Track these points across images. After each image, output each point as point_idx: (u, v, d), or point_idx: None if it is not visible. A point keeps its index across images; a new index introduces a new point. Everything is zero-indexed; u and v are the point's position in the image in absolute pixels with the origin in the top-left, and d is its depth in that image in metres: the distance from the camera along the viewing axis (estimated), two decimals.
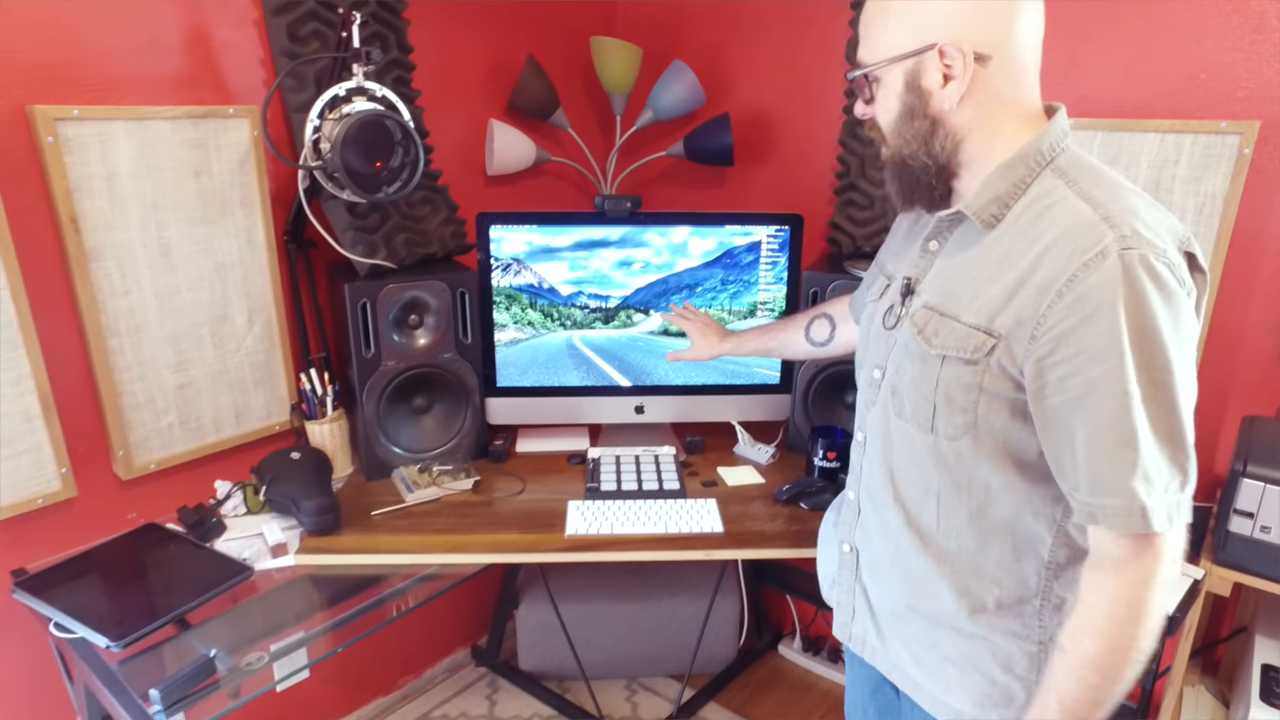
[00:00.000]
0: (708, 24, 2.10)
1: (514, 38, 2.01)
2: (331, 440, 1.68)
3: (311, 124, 1.44)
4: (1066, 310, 0.82)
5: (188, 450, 1.58)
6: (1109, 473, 0.83)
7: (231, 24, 1.52)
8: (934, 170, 0.94)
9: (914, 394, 0.96)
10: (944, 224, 0.99)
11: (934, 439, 0.95)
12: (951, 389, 0.92)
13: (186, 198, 1.49)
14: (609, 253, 1.69)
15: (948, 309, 0.93)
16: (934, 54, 0.88)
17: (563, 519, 1.52)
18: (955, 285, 0.94)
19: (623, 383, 1.78)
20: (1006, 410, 0.89)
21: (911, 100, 0.91)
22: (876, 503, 1.06)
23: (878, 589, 1.09)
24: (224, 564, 1.38)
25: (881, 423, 1.04)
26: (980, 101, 0.89)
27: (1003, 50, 0.88)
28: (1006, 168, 0.90)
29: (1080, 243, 0.83)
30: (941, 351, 0.92)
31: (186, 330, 1.54)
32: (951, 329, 0.92)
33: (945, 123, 0.91)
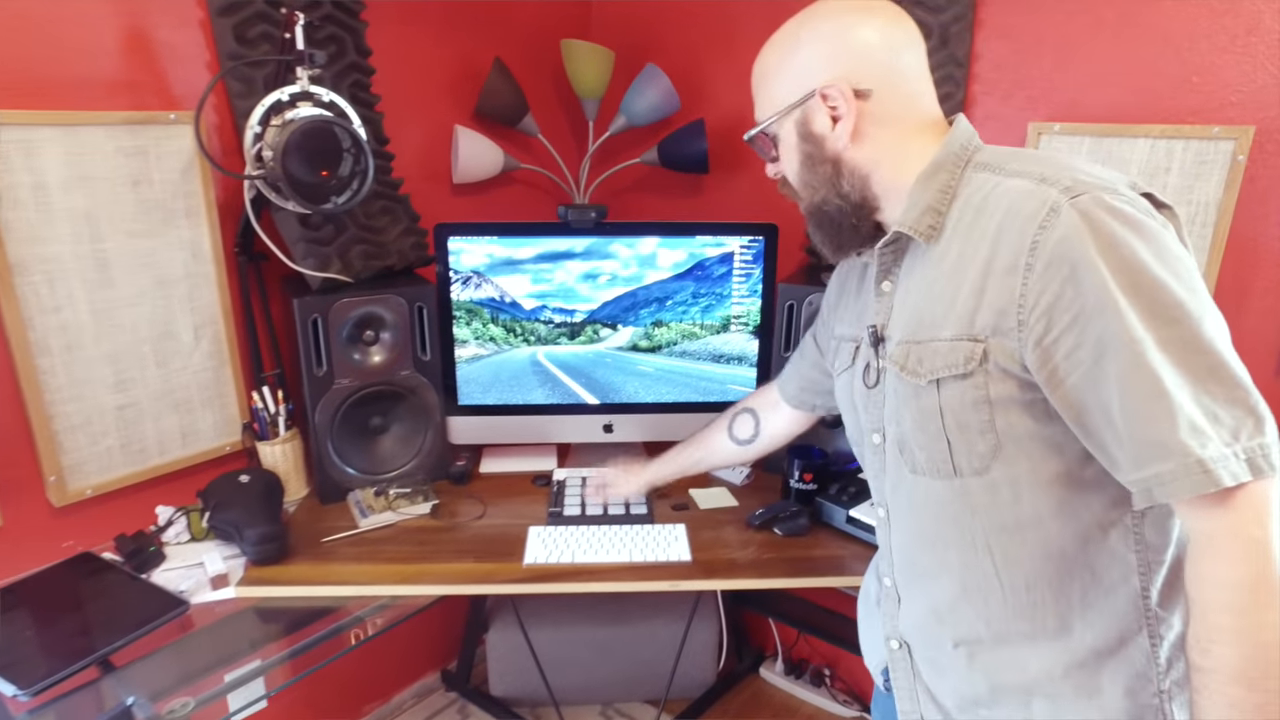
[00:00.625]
0: (684, 27, 2.03)
1: (481, 41, 1.93)
2: (284, 462, 1.60)
3: (252, 131, 1.36)
4: (1042, 280, 0.76)
5: (129, 474, 1.50)
6: (1149, 435, 0.72)
7: (173, 25, 1.44)
8: (850, 210, 0.92)
9: (921, 438, 0.88)
10: (888, 258, 0.93)
11: (961, 483, 0.86)
12: (959, 413, 0.84)
13: (125, 209, 1.41)
14: (574, 265, 1.61)
15: (922, 335, 0.87)
16: (816, 99, 0.89)
17: (522, 546, 1.44)
18: (921, 309, 0.88)
19: (590, 400, 1.70)
20: (1027, 416, 0.81)
21: (808, 148, 0.91)
22: (921, 583, 0.95)
23: (945, 683, 0.95)
24: (157, 597, 1.29)
25: (898, 488, 0.95)
26: (875, 133, 0.89)
27: (884, 79, 0.88)
28: (926, 177, 0.88)
29: (1025, 210, 0.78)
30: (931, 375, 0.85)
31: (127, 348, 1.46)
32: (934, 350, 0.85)
33: (846, 161, 0.91)
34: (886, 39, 0.89)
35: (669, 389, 1.71)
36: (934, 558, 0.92)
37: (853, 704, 2.16)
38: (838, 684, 2.22)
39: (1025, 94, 1.60)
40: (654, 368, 1.67)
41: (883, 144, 0.89)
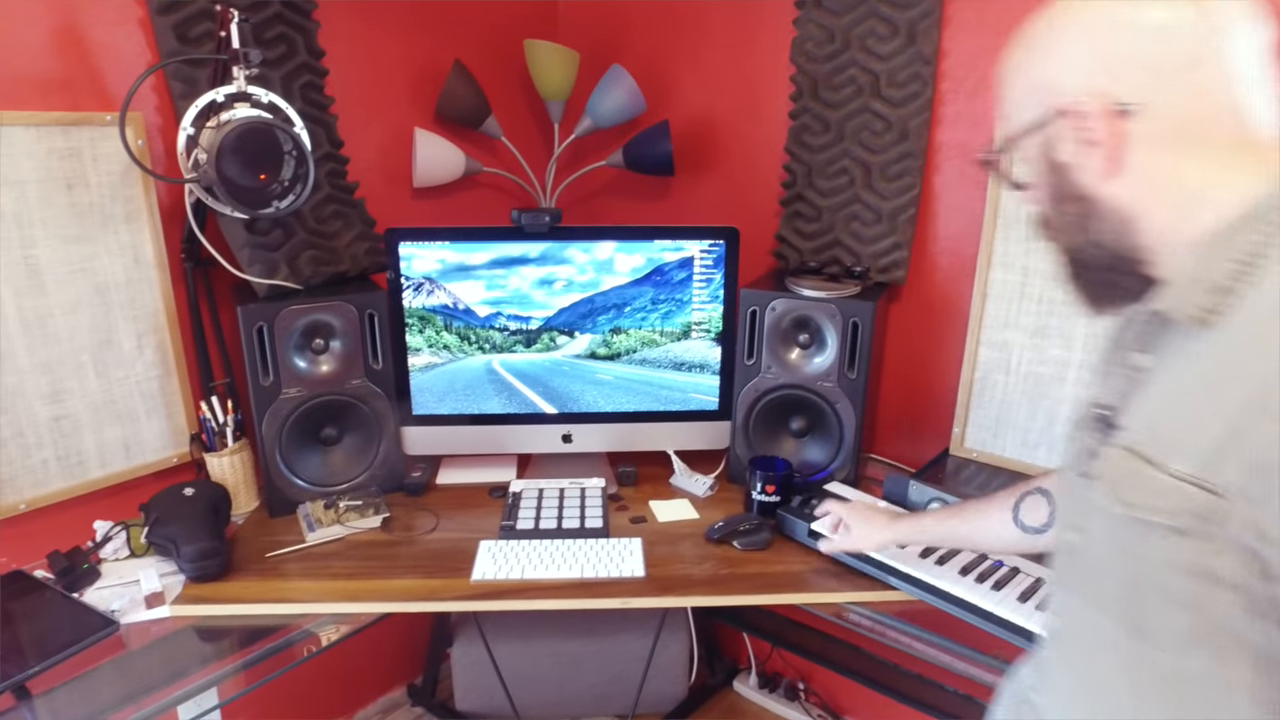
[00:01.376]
0: (651, 28, 1.99)
1: (441, 41, 1.88)
2: (233, 474, 1.55)
3: (185, 133, 1.31)
4: None
5: (67, 488, 1.45)
6: None
7: (110, 23, 1.40)
8: (1107, 263, 0.71)
9: (1103, 571, 0.70)
10: (1151, 327, 0.72)
11: (1146, 650, 0.67)
12: (1160, 572, 0.64)
13: (58, 213, 1.36)
14: (528, 270, 1.56)
15: (1154, 452, 0.64)
16: (1059, 119, 0.68)
17: (470, 561, 1.39)
18: (1165, 412, 0.66)
19: (548, 410, 1.65)
20: (1262, 616, 0.60)
21: (1054, 180, 0.72)
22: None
23: None
24: (86, 617, 1.24)
25: (1075, 613, 0.77)
26: (1147, 164, 0.66)
27: (1170, 86, 0.64)
28: (1223, 238, 0.63)
29: None
30: (1135, 513, 0.64)
31: (62, 357, 1.41)
32: (1153, 482, 0.63)
33: (1100, 200, 0.69)
34: (1184, 26, 0.64)
35: (629, 397, 1.66)
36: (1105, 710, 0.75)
37: (826, 718, 2.12)
38: (812, 698, 2.17)
39: (994, 92, 1.55)
40: (613, 376, 1.62)
41: (1158, 178, 0.66)
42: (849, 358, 1.54)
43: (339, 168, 1.67)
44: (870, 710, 2.09)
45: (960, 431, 1.68)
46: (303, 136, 1.35)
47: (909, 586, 1.29)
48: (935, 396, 1.74)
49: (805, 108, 1.73)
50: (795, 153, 1.77)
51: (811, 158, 1.75)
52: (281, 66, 1.57)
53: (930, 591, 1.27)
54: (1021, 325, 1.57)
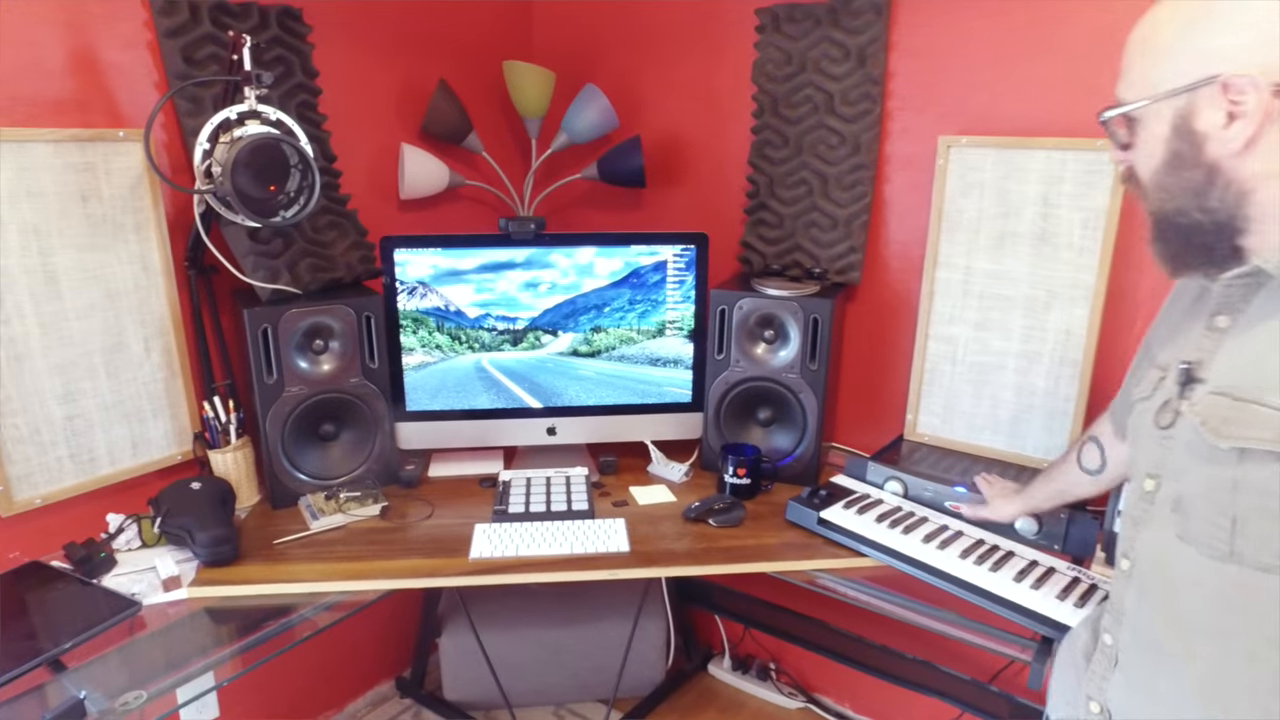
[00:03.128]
0: (621, 48, 2.13)
1: (426, 62, 2.01)
2: (236, 469, 1.64)
3: (201, 147, 1.42)
4: None
5: (79, 484, 1.53)
6: None
7: (121, 46, 1.50)
8: (1210, 229, 0.77)
9: (1202, 507, 0.76)
10: (1236, 291, 0.79)
11: (1237, 571, 0.73)
12: (1259, 496, 0.71)
13: (73, 223, 1.45)
14: (515, 274, 1.69)
15: (1246, 392, 0.73)
16: (1215, 88, 0.72)
17: (467, 542, 1.50)
18: (1257, 361, 0.74)
19: (533, 404, 1.77)
20: None
21: (1180, 146, 0.75)
22: (1149, 659, 0.84)
23: None
24: (109, 600, 1.32)
25: (1158, 549, 0.82)
26: (1276, 144, 0.72)
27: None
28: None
29: None
30: (1239, 443, 0.72)
31: (76, 359, 1.49)
32: (1253, 414, 0.72)
33: (1226, 172, 0.74)
34: None
35: (609, 392, 1.79)
36: (1178, 642, 0.80)
37: (798, 696, 2.24)
38: (783, 677, 2.30)
39: (937, 109, 1.72)
40: (594, 372, 1.75)
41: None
42: (810, 351, 1.68)
43: (333, 181, 1.78)
44: (838, 685, 2.22)
45: (913, 418, 1.83)
46: (308, 151, 1.46)
47: (874, 552, 1.43)
48: (889, 386, 1.90)
49: (766, 124, 1.89)
50: (758, 165, 1.92)
51: (773, 170, 1.90)
52: (279, 86, 1.68)
53: (893, 555, 1.41)
54: (965, 320, 1.73)
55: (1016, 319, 1.67)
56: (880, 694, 2.11)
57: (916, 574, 1.38)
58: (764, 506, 1.66)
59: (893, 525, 1.47)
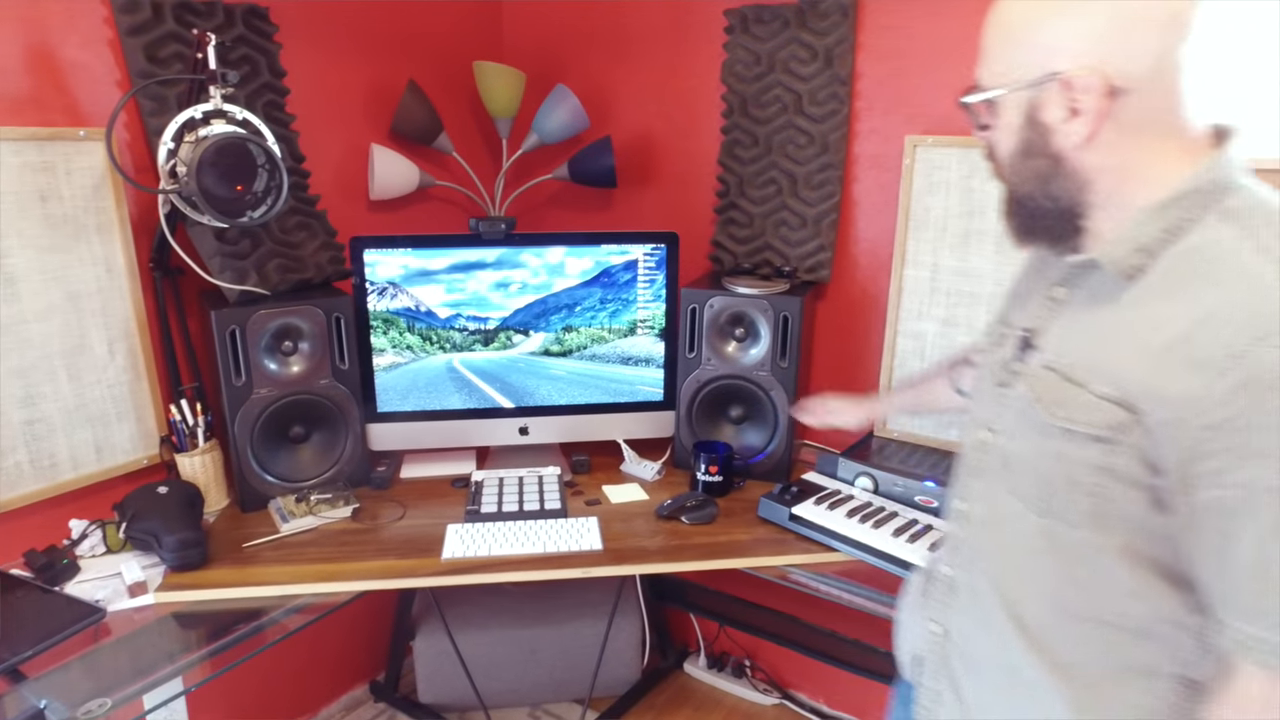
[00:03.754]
0: (591, 48, 2.14)
1: (395, 62, 2.00)
2: (204, 473, 1.61)
3: (165, 147, 1.40)
4: (1229, 393, 0.67)
5: (41, 490, 1.50)
6: (1266, 598, 0.68)
7: (80, 44, 1.47)
8: (1054, 213, 0.81)
9: (1025, 468, 0.84)
10: (1076, 270, 0.85)
11: (1050, 524, 0.81)
12: (1075, 468, 0.78)
13: (32, 224, 1.43)
14: (485, 274, 1.68)
15: (1075, 373, 0.79)
16: (1056, 85, 0.75)
17: (439, 543, 1.49)
18: (1085, 345, 0.80)
19: (505, 404, 1.77)
20: (1144, 500, 0.75)
21: (1029, 135, 0.79)
22: (978, 590, 0.92)
23: (974, 686, 0.94)
24: (72, 607, 1.30)
25: (991, 499, 0.90)
26: (1116, 141, 0.75)
27: (1152, 78, 0.73)
28: (1157, 211, 0.75)
29: (1256, 309, 0.67)
30: (1064, 424, 0.78)
31: (36, 363, 1.47)
32: (1077, 398, 0.77)
33: (1069, 162, 0.78)
34: (1176, 21, 0.72)
35: (581, 391, 1.79)
36: (998, 579, 0.89)
37: (772, 692, 2.26)
38: (758, 674, 2.32)
39: (903, 110, 1.75)
40: (566, 371, 1.75)
41: (1121, 154, 0.76)
42: (781, 349, 1.70)
43: (301, 181, 1.77)
44: (813, 681, 2.24)
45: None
46: (275, 150, 1.44)
47: (845, 547, 1.45)
48: (860, 382, 1.92)
49: (736, 124, 1.90)
50: (728, 165, 1.93)
51: (742, 169, 1.92)
52: (246, 86, 1.66)
53: (864, 550, 1.43)
54: (933, 316, 1.76)
55: (981, 315, 1.70)
56: (855, 689, 2.13)
57: (888, 568, 1.40)
58: (736, 503, 1.67)
59: (863, 520, 1.49)
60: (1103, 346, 0.77)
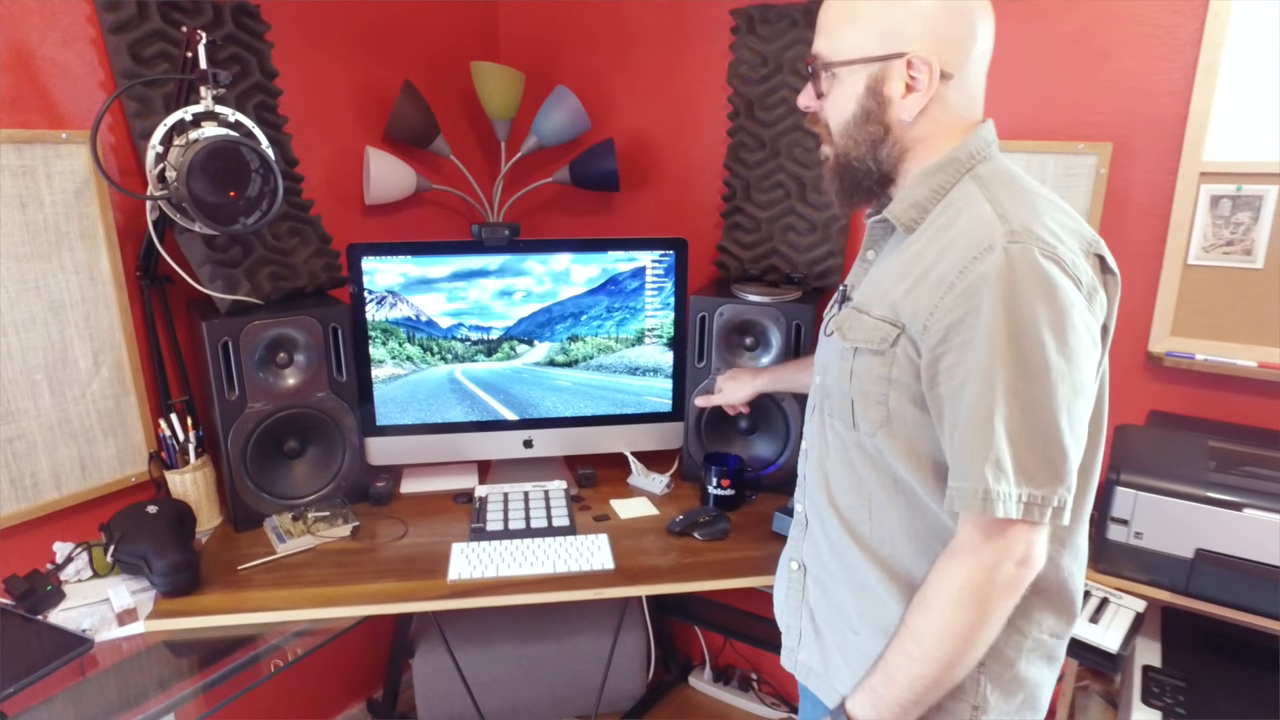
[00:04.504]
0: (589, 49, 2.08)
1: (390, 63, 1.93)
2: (195, 490, 1.55)
3: (154, 150, 1.33)
4: (955, 302, 0.84)
5: (21, 510, 1.42)
6: (964, 455, 0.85)
7: (58, 42, 1.40)
8: (875, 176, 0.96)
9: (837, 391, 0.98)
10: (878, 232, 1.01)
11: (857, 435, 0.96)
12: (865, 381, 0.94)
13: (11, 231, 1.35)
14: (488, 282, 1.62)
15: (863, 306, 0.96)
16: (902, 63, 0.89)
17: (445, 562, 1.43)
18: (875, 284, 0.97)
19: (509, 416, 1.71)
20: (913, 403, 0.91)
21: (870, 105, 0.92)
22: (820, 512, 1.05)
23: (826, 605, 1.06)
24: (56, 638, 1.23)
25: (819, 427, 1.05)
26: (934, 117, 0.92)
27: (964, 66, 0.90)
28: (927, 174, 0.93)
29: (973, 237, 0.85)
30: (854, 343, 0.94)
31: (16, 377, 1.39)
32: (863, 323, 0.94)
33: (896, 132, 0.93)
34: (983, 28, 0.91)
35: (587, 402, 1.73)
36: (829, 494, 1.03)
37: (780, 706, 2.21)
38: (765, 688, 2.27)
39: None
40: (571, 382, 1.70)
41: (933, 130, 0.92)
42: (792, 358, 1.65)
43: (294, 185, 1.70)
44: None
45: None
46: (269, 154, 1.38)
47: None
48: None
49: (742, 126, 1.85)
50: (734, 169, 1.89)
51: (749, 173, 1.87)
52: (236, 87, 1.59)
53: None
54: None
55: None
56: None
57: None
58: (748, 517, 1.62)
59: None
60: (883, 283, 0.94)
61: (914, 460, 0.92)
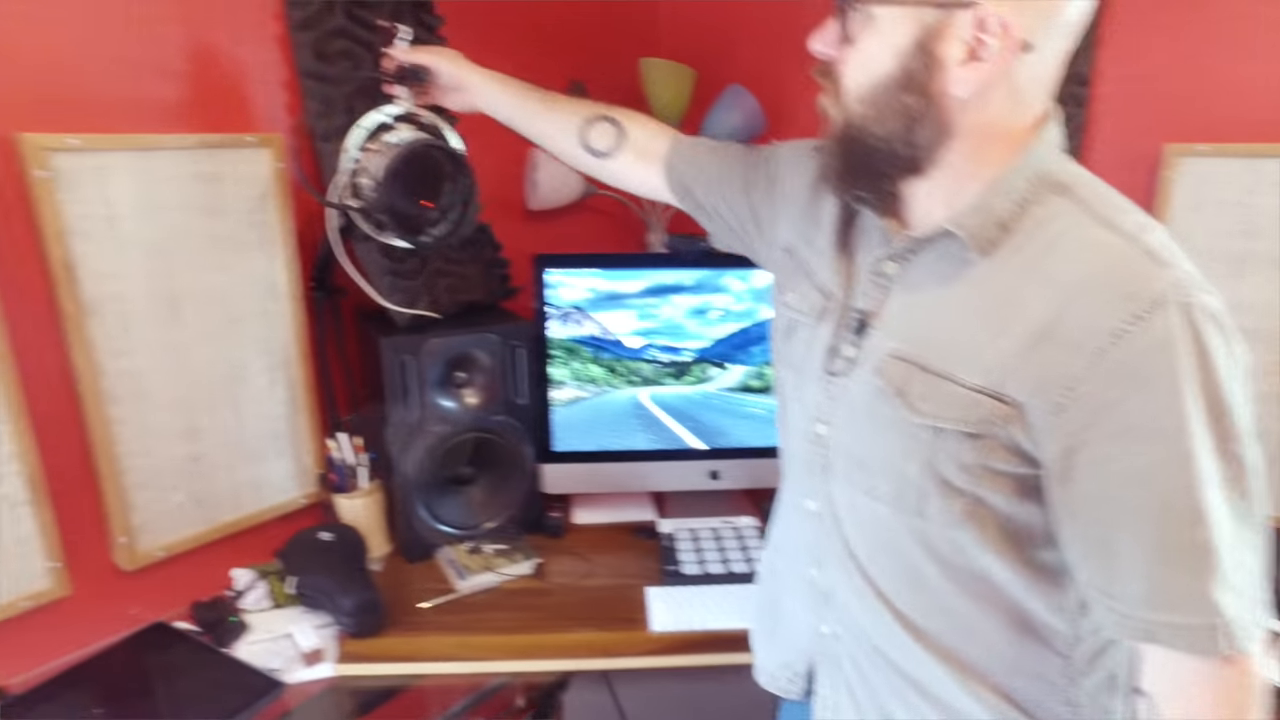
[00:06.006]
0: (761, 43, 1.93)
1: (555, 60, 1.82)
2: (365, 516, 1.45)
3: (351, 156, 1.23)
4: (1110, 377, 0.63)
5: (200, 532, 1.35)
6: (1179, 583, 0.64)
7: (251, 41, 1.32)
8: (898, 160, 0.72)
9: (892, 472, 0.76)
10: (904, 241, 0.77)
11: (923, 525, 0.75)
12: (947, 469, 0.72)
13: (197, 240, 1.28)
14: (682, 299, 1.48)
15: (936, 364, 0.72)
16: (968, 17, 0.65)
17: (642, 609, 1.30)
18: (941, 330, 0.73)
19: (696, 445, 1.56)
20: (1012, 487, 0.71)
21: (914, 65, 0.68)
22: (857, 588, 0.84)
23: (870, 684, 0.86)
24: (248, 677, 1.15)
25: (844, 498, 0.83)
26: (995, 100, 0.69)
27: (1045, 43, 0.68)
28: (1007, 182, 0.71)
29: (1121, 285, 0.64)
30: (934, 422, 0.71)
31: (198, 394, 1.32)
32: (947, 392, 0.71)
33: (944, 110, 0.69)
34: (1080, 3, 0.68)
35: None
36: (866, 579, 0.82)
37: None
38: None
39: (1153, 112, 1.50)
40: (767, 410, 1.54)
41: (991, 116, 0.70)
42: None
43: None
44: None
45: None
46: (464, 157, 1.27)
47: None
48: None
49: None
50: None
51: None
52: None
53: None
54: None
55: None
56: None
57: None
58: None
59: None
60: (962, 331, 0.72)
61: (1003, 548, 0.73)
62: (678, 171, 1.08)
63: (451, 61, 1.22)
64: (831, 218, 0.88)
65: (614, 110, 1.14)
